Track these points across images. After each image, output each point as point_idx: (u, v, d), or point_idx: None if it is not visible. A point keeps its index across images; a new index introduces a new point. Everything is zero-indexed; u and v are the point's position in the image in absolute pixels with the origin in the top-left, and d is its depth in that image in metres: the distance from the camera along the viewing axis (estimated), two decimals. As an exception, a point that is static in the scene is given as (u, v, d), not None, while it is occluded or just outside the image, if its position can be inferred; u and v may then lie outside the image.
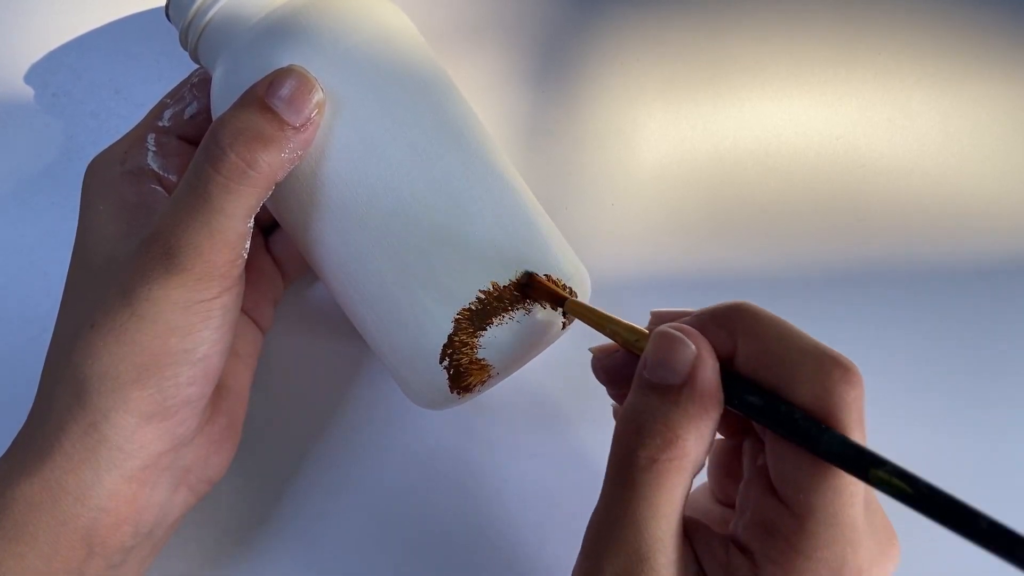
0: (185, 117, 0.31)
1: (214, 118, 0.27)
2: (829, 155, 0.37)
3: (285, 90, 0.25)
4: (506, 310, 0.27)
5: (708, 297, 0.29)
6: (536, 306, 0.27)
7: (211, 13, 0.28)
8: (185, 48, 0.29)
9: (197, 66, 0.31)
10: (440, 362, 0.27)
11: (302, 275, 0.34)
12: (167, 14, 0.29)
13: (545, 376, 0.34)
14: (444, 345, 0.26)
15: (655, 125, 0.37)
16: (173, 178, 0.30)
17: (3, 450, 0.26)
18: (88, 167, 0.30)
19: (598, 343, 0.27)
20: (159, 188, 0.29)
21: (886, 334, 0.35)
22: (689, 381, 0.22)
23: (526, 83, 0.37)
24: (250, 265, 0.28)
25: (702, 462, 0.23)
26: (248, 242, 0.26)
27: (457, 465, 0.33)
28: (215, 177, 0.25)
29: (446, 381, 0.27)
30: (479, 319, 0.26)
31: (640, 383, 0.23)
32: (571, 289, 0.28)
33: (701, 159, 0.37)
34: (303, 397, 0.34)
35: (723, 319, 0.23)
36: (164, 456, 0.26)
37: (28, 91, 0.37)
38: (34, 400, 0.27)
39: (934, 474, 0.20)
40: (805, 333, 0.23)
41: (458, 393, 0.27)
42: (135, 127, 0.31)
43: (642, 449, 0.22)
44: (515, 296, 0.27)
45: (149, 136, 0.30)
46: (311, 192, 0.27)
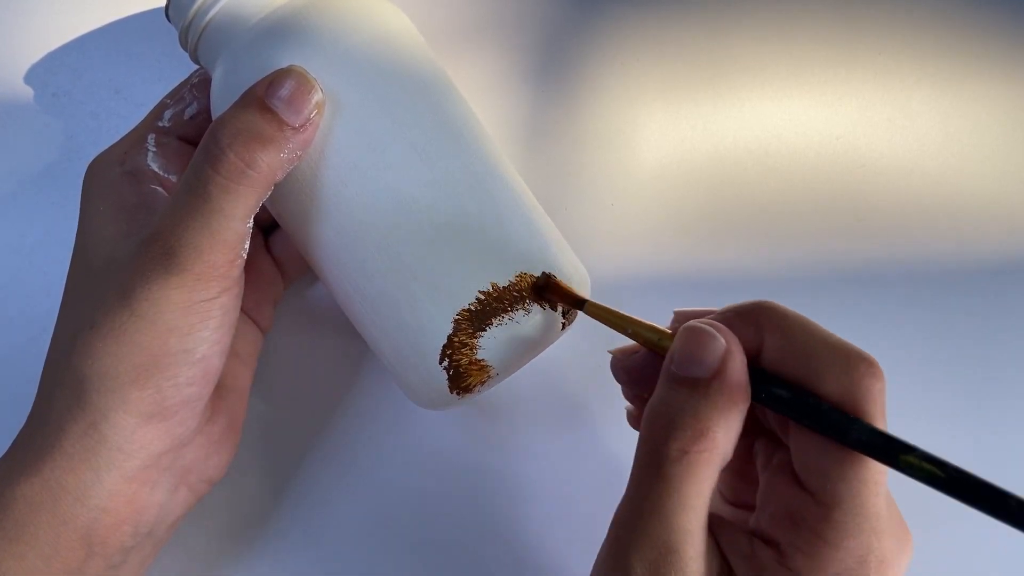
0: (185, 117, 0.31)
1: (214, 118, 0.27)
2: (829, 155, 0.37)
3: (285, 90, 0.25)
4: (506, 311, 0.27)
5: (708, 297, 0.29)
6: (535, 307, 0.27)
7: (211, 13, 0.28)
8: (185, 48, 0.29)
9: (197, 66, 0.31)
10: (440, 363, 0.27)
11: (302, 275, 0.34)
12: (167, 14, 0.29)
13: (546, 376, 0.34)
14: (443, 346, 0.26)
15: (655, 125, 0.37)
16: (173, 178, 0.30)
17: (3, 450, 0.26)
18: (88, 167, 0.30)
19: (598, 343, 0.26)
20: (159, 189, 0.29)
21: (886, 334, 0.35)
22: (718, 374, 0.23)
23: (526, 83, 0.37)
24: (250, 265, 0.28)
25: (729, 455, 0.23)
26: (248, 242, 0.27)
27: (458, 465, 0.33)
28: (214, 177, 0.25)
29: (446, 381, 0.27)
30: (479, 320, 0.26)
31: (669, 378, 0.24)
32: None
33: (701, 159, 0.37)
34: (303, 397, 0.34)
35: (749, 316, 0.24)
36: (164, 456, 0.26)
37: (28, 91, 0.37)
38: (34, 400, 0.27)
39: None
40: (828, 330, 0.23)
41: (458, 393, 0.27)
42: (135, 128, 0.31)
43: (673, 441, 0.22)
44: (515, 297, 0.27)
45: (149, 137, 0.30)
46: (311, 192, 0.27)
